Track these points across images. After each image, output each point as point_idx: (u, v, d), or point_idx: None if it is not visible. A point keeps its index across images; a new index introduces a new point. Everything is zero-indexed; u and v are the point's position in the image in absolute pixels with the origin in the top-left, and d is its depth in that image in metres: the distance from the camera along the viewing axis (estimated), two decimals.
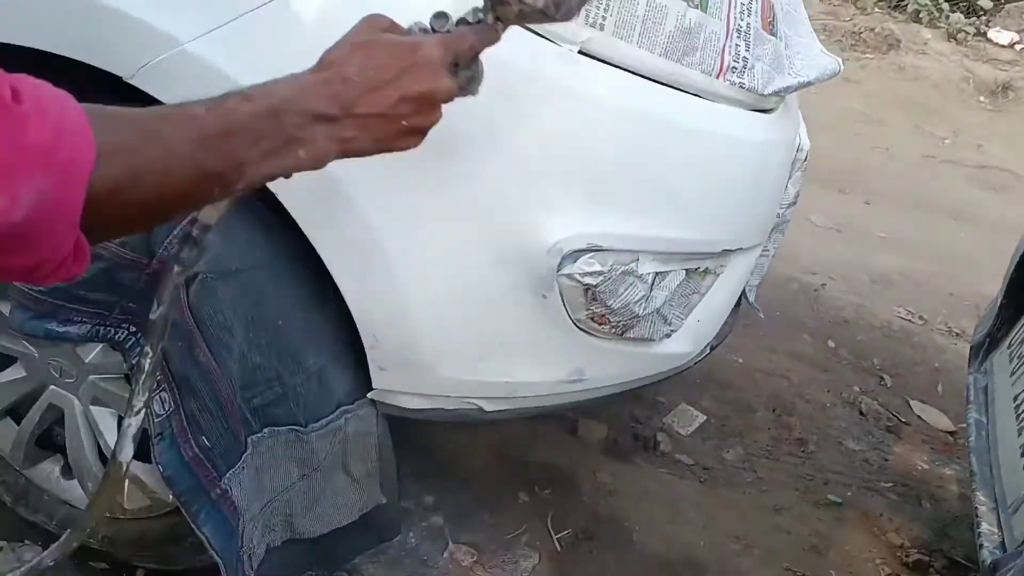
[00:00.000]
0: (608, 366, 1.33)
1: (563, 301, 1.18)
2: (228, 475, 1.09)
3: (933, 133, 5.93)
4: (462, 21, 0.80)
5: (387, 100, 0.72)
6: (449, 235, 1.09)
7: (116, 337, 1.13)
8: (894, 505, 2.09)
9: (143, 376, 0.81)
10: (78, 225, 0.54)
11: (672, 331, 1.35)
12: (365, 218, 1.05)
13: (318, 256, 1.09)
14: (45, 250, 0.54)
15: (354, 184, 1.04)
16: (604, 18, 1.07)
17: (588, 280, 1.16)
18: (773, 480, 2.09)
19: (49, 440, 1.41)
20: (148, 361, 0.79)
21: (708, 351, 1.53)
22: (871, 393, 2.57)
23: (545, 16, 0.79)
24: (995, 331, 1.66)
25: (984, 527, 1.15)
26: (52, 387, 1.32)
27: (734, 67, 1.21)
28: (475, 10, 0.80)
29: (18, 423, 1.39)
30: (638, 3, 1.09)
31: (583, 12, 1.05)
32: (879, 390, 2.61)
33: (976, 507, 1.20)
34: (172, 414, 1.09)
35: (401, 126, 0.74)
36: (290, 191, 1.05)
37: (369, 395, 1.22)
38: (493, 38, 0.80)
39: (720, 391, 2.39)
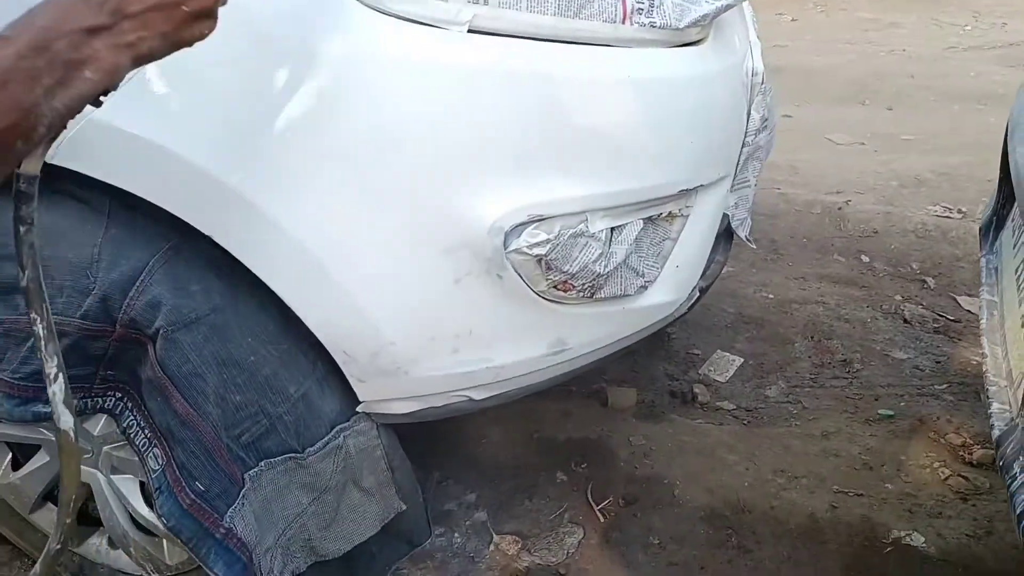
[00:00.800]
0: (590, 331, 1.33)
1: (520, 277, 1.18)
2: (229, 513, 1.13)
3: (952, 23, 5.72)
4: None
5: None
6: (386, 238, 1.11)
7: (105, 406, 1.18)
8: (952, 406, 2.02)
9: (42, 343, 0.81)
10: None
11: (647, 282, 1.34)
12: (300, 241, 1.07)
13: None
14: None
15: (279, 209, 1.06)
16: None
17: (537, 251, 1.16)
18: (820, 408, 2.04)
19: (88, 516, 1.47)
20: (40, 327, 0.80)
21: (699, 294, 1.51)
22: (914, 299, 2.50)
23: None
24: (1000, 208, 1.59)
25: (995, 406, 1.11)
26: None
27: (639, 8, 1.19)
28: None
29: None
30: None
31: None
32: (922, 294, 2.53)
33: (987, 388, 1.15)
34: (165, 467, 1.13)
35: (183, 12, 0.69)
36: (224, 231, 1.08)
37: (358, 408, 1.24)
38: None
39: (755, 330, 2.36)
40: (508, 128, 1.12)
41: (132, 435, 1.16)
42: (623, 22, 1.18)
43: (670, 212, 1.34)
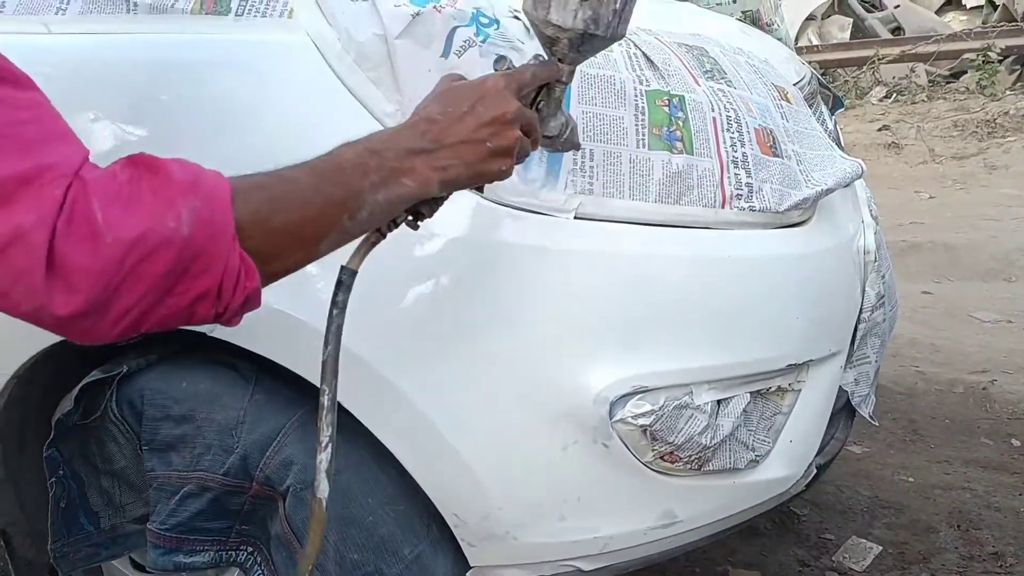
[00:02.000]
0: (699, 504, 1.32)
1: (626, 446, 1.22)
2: None
3: None
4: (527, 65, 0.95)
5: (468, 127, 0.86)
6: (497, 407, 1.18)
7: (238, 559, 1.27)
8: None
9: (323, 412, 0.89)
10: (236, 239, 0.71)
11: (758, 456, 1.33)
12: (418, 408, 1.16)
13: None
14: (218, 265, 0.70)
15: (403, 378, 1.16)
16: (591, 183, 1.19)
17: (642, 421, 1.20)
18: None
19: None
20: (326, 398, 0.89)
21: (816, 471, 1.48)
22: None
23: (592, 37, 0.89)
24: None
25: None
26: None
27: (739, 194, 1.28)
28: (536, 56, 0.97)
29: None
30: (621, 163, 1.20)
31: (568, 182, 1.18)
32: None
33: None
34: None
35: (487, 148, 0.87)
36: (351, 397, 1.18)
37: (468, 574, 1.28)
38: (553, 72, 0.94)
39: (894, 516, 2.23)
40: (613, 304, 1.20)
41: None
42: (723, 207, 1.26)
43: (779, 386, 1.36)
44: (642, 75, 1.27)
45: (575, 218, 1.18)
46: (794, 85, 1.65)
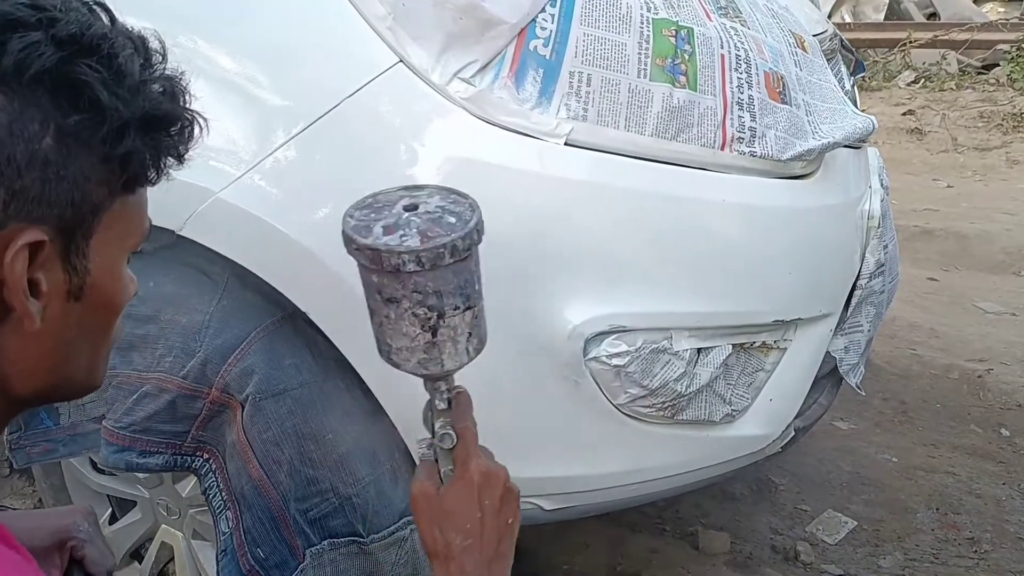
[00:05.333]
0: (670, 454, 1.29)
1: (598, 386, 1.18)
2: None
3: None
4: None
5: (493, 529, 0.85)
6: None
7: (192, 465, 1.24)
8: None
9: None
10: None
11: (734, 411, 1.30)
12: None
13: None
14: None
15: None
16: (586, 109, 1.13)
17: (616, 361, 1.16)
18: None
19: None
20: None
21: (793, 433, 1.44)
22: None
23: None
24: None
25: None
26: (163, 526, 1.44)
27: (740, 137, 1.22)
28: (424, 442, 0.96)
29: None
30: (619, 91, 1.15)
31: (561, 106, 1.12)
32: None
33: None
34: (233, 530, 1.17)
35: (509, 525, 0.87)
36: (321, 311, 1.14)
37: None
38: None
39: (873, 494, 2.20)
40: (597, 238, 1.15)
41: (211, 496, 1.22)
42: (722, 148, 1.21)
43: (764, 342, 1.32)
44: (650, 2, 1.21)
45: (565, 144, 1.12)
46: (813, 36, 1.58)
